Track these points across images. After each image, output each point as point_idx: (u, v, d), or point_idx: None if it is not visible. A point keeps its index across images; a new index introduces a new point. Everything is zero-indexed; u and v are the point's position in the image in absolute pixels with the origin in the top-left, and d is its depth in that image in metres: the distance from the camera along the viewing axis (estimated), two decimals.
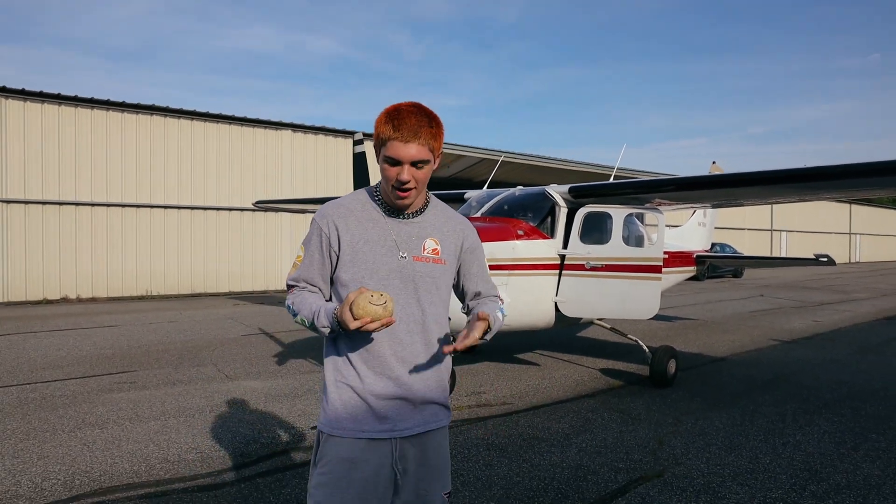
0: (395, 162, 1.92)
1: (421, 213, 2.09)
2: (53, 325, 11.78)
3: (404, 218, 2.06)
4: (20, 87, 16.21)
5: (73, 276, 17.03)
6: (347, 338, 1.97)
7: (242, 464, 4.50)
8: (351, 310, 1.78)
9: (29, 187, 16.46)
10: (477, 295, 2.23)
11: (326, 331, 1.93)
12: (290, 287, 2.09)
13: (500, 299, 2.25)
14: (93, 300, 17.06)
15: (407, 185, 1.94)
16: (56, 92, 16.68)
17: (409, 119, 1.89)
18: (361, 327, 1.78)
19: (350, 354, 1.99)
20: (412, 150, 1.89)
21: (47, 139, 16.70)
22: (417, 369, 2.01)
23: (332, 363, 2.03)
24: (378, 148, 1.97)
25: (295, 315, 2.01)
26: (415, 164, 1.91)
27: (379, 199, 2.07)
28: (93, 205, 17.32)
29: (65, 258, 16.93)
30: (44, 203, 16.63)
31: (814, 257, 8.89)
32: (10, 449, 4.77)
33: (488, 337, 2.00)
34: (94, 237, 17.36)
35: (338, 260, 2.02)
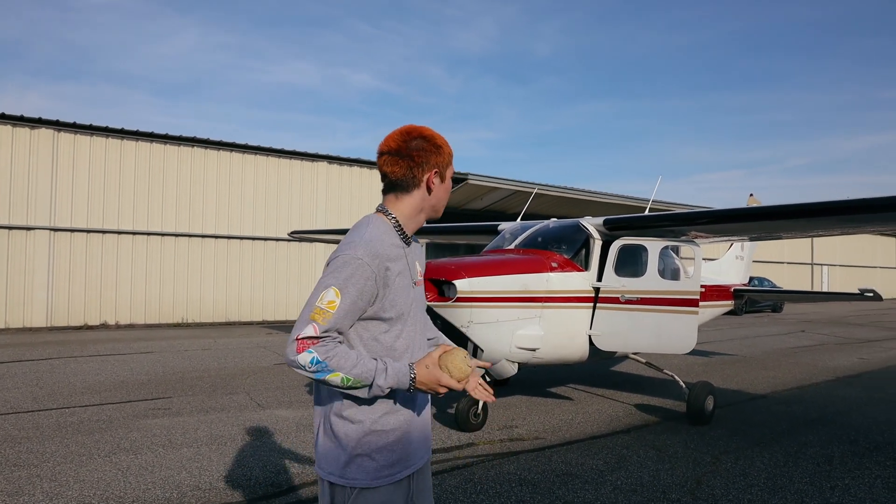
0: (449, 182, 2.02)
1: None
2: (93, 351, 12.03)
3: (410, 245, 2.01)
4: (71, 121, 16.92)
5: (113, 302, 17.46)
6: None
7: (273, 493, 4.47)
8: (449, 370, 1.80)
9: (74, 216, 17.04)
10: None
11: (384, 392, 1.76)
12: (317, 338, 1.72)
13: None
14: (131, 326, 17.42)
15: None
16: (104, 125, 17.35)
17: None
18: (459, 387, 1.83)
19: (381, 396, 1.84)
20: None
21: (93, 170, 17.33)
22: (425, 395, 1.99)
23: (360, 412, 1.85)
24: (443, 168, 1.96)
25: (327, 373, 1.70)
26: None
27: (399, 229, 1.95)
28: (133, 233, 17.82)
29: (105, 285, 17.39)
30: (87, 231, 17.18)
31: (858, 292, 8.61)
32: (48, 472, 4.84)
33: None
34: (134, 265, 17.82)
35: (376, 299, 1.84)
